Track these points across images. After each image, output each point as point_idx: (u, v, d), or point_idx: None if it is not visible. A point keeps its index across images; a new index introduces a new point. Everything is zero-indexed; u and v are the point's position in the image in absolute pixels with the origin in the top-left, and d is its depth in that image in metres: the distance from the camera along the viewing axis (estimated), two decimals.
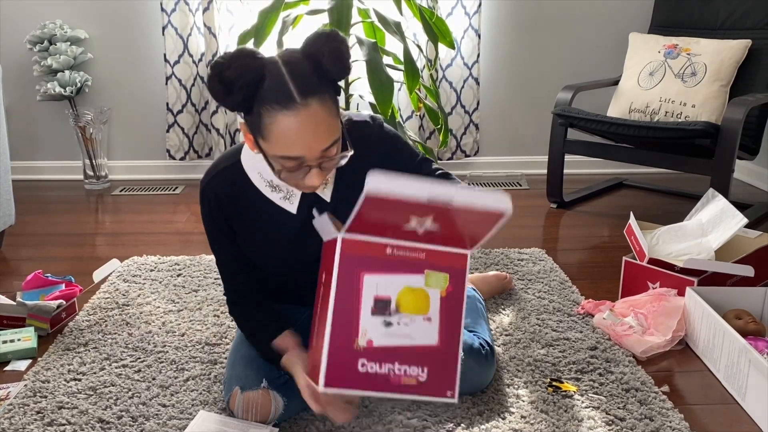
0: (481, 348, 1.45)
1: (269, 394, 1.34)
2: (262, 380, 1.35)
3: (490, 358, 1.47)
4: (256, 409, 1.34)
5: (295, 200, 1.31)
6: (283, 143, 1.11)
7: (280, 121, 1.10)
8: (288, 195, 1.31)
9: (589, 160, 3.27)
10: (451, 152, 3.29)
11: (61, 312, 1.82)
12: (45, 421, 1.40)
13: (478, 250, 2.34)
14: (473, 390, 1.46)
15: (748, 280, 1.87)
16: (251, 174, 1.31)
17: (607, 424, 1.38)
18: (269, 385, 1.35)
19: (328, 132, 1.13)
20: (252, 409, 1.34)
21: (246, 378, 1.36)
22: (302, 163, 1.14)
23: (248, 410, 1.34)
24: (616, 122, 2.50)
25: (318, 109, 1.11)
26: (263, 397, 1.34)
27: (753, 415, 1.42)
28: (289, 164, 1.14)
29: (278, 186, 1.30)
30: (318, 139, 1.12)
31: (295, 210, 1.32)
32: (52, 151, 3.37)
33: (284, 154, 1.13)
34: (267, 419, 1.35)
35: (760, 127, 2.60)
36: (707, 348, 1.62)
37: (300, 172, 1.16)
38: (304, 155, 1.13)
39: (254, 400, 1.34)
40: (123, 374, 1.59)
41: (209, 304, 1.95)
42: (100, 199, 3.08)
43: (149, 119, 3.31)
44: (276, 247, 1.35)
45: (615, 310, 1.79)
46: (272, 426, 1.35)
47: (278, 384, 1.36)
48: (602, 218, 2.74)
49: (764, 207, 2.72)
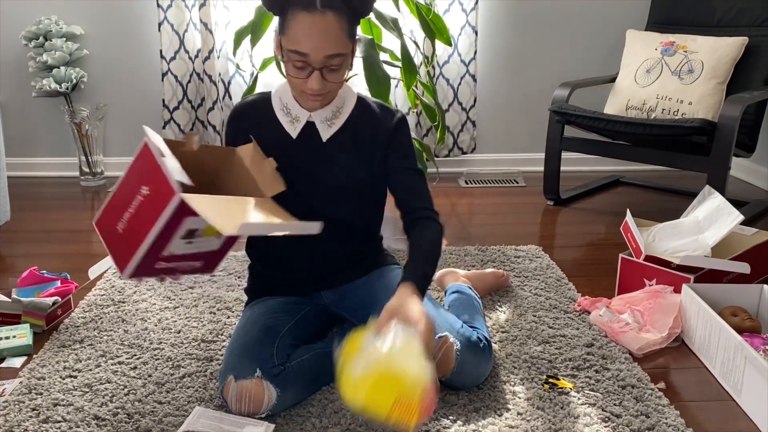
0: (479, 341, 1.45)
1: (262, 384, 1.35)
2: (256, 370, 1.35)
3: (487, 352, 1.47)
4: (249, 398, 1.34)
5: (299, 126, 1.48)
6: (296, 39, 1.32)
7: (299, 20, 1.31)
8: (293, 120, 1.48)
9: (586, 158, 3.27)
10: (448, 149, 3.29)
11: (57, 309, 1.82)
12: (40, 418, 1.40)
13: (475, 247, 2.34)
14: (471, 383, 1.46)
15: (744, 277, 1.87)
16: (274, 99, 1.51)
17: (603, 421, 1.38)
18: (263, 375, 1.35)
19: (334, 42, 1.32)
20: (245, 399, 1.34)
21: (240, 367, 1.37)
22: (307, 63, 1.33)
23: (241, 399, 1.35)
24: (613, 119, 2.50)
25: (332, 21, 1.31)
26: (256, 387, 1.35)
27: (749, 411, 1.42)
28: (296, 59, 1.33)
29: (289, 110, 1.48)
30: (324, 44, 1.31)
31: (295, 135, 1.48)
32: (48, 147, 3.36)
33: (294, 48, 1.32)
34: (260, 409, 1.36)
35: (757, 124, 2.61)
36: (703, 345, 1.62)
37: (304, 71, 1.34)
38: (309, 53, 1.31)
39: (248, 389, 1.34)
40: (119, 371, 1.58)
41: (205, 301, 1.94)
42: (96, 196, 3.08)
43: (145, 116, 3.30)
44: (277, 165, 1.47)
45: (611, 307, 1.80)
46: (268, 423, 1.35)
47: (272, 374, 1.36)
48: (599, 215, 2.74)
49: (760, 204, 2.73)
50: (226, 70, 3.16)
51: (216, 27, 3.08)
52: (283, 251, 1.56)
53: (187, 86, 3.18)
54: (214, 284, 2.06)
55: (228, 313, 1.87)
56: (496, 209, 2.84)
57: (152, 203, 1.15)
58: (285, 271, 1.60)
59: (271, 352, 1.39)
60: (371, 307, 1.52)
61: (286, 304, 1.56)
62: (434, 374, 1.20)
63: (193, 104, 3.23)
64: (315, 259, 1.56)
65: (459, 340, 1.42)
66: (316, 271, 1.58)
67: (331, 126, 1.48)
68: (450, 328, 1.44)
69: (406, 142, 1.51)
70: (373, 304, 1.52)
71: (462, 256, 2.26)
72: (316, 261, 1.57)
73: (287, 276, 1.60)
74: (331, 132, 1.48)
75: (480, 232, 2.55)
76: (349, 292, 1.60)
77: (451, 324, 1.45)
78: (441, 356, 1.40)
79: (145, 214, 1.16)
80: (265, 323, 1.48)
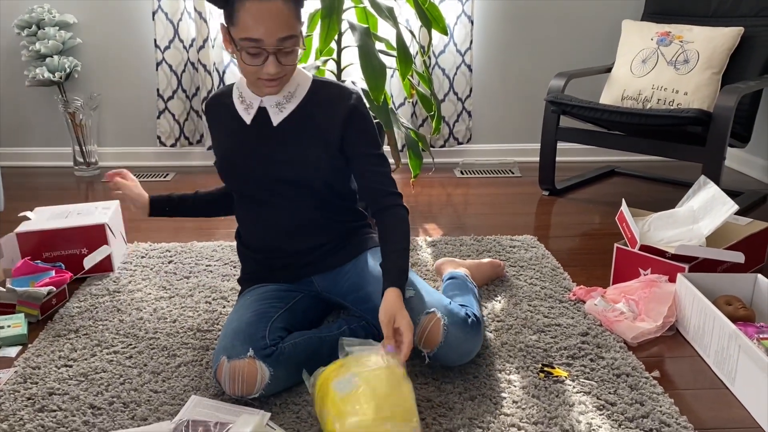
0: (467, 317, 1.45)
1: (255, 364, 1.35)
2: (249, 350, 1.36)
3: (476, 328, 1.46)
4: (242, 378, 1.35)
5: (252, 112, 1.52)
6: (247, 26, 1.33)
7: (248, 7, 1.32)
8: (247, 107, 1.52)
9: (582, 148, 3.27)
10: (443, 140, 3.29)
11: (52, 299, 1.81)
12: (36, 407, 1.40)
13: (471, 237, 2.34)
14: (460, 358, 1.46)
15: (738, 267, 1.88)
16: (234, 90, 1.56)
17: (597, 409, 1.39)
18: (255, 354, 1.36)
19: (286, 25, 1.34)
20: (238, 378, 1.35)
21: (233, 348, 1.37)
22: (261, 49, 1.35)
23: (234, 379, 1.35)
24: (609, 109, 2.50)
25: (281, 6, 1.33)
26: (249, 366, 1.35)
27: (742, 399, 1.43)
28: (249, 46, 1.34)
29: (244, 98, 1.52)
30: (276, 27, 1.33)
31: (249, 121, 1.52)
32: (42, 137, 3.34)
33: (246, 35, 1.33)
34: (253, 389, 1.36)
35: (752, 114, 2.61)
36: (697, 334, 1.63)
37: (258, 58, 1.36)
38: (262, 38, 1.33)
39: (240, 369, 1.35)
40: (114, 360, 1.58)
41: (201, 291, 1.94)
42: (90, 186, 3.06)
43: (139, 105, 3.29)
44: (234, 153, 1.54)
45: (606, 296, 1.80)
46: (264, 411, 1.35)
47: (264, 354, 1.37)
48: (594, 206, 2.74)
49: (754, 194, 2.74)
50: (221, 60, 3.15)
51: (210, 16, 3.06)
52: (258, 232, 1.59)
53: (182, 76, 3.16)
54: (210, 274, 2.06)
55: (224, 303, 1.86)
56: (491, 199, 2.85)
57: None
58: (267, 253, 1.60)
59: (263, 334, 1.41)
60: (362, 290, 1.55)
61: (278, 292, 1.57)
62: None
63: (187, 94, 3.21)
64: (296, 238, 1.57)
65: (446, 315, 1.42)
66: (300, 252, 1.58)
67: (282, 111, 1.49)
68: (438, 304, 1.45)
69: (362, 126, 1.49)
70: (363, 288, 1.55)
71: (457, 246, 2.26)
72: (296, 240, 1.57)
73: (272, 260, 1.60)
74: (282, 116, 1.50)
75: (475, 222, 2.55)
76: (339, 277, 1.60)
77: (439, 300, 1.46)
78: (428, 332, 1.41)
79: None
80: (257, 309, 1.49)
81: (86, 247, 2.01)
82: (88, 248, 2.01)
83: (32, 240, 1.98)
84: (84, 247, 2.01)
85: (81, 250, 2.01)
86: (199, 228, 2.50)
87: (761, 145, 3.04)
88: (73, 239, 2.00)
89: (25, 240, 1.98)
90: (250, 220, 1.61)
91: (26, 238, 1.98)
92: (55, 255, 2.00)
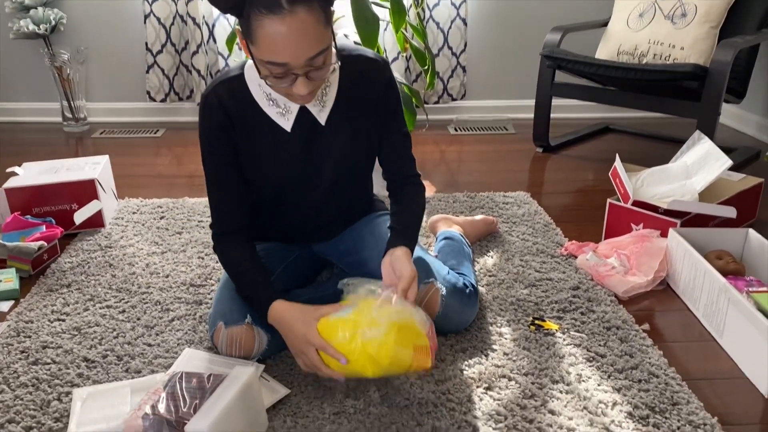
0: (465, 287, 1.46)
1: (253, 330, 1.35)
2: (246, 316, 1.35)
3: (473, 298, 1.48)
4: (240, 344, 1.35)
5: (291, 117, 1.33)
6: (269, 48, 1.12)
7: (267, 26, 1.10)
8: (284, 111, 1.32)
9: (576, 105, 3.25)
10: (437, 96, 3.25)
11: (43, 254, 1.81)
12: (29, 360, 1.40)
13: (464, 194, 2.34)
14: (456, 328, 1.47)
15: (729, 222, 1.89)
16: (252, 86, 1.31)
17: (587, 360, 1.40)
18: (253, 320, 1.35)
19: (315, 41, 1.13)
20: (235, 344, 1.35)
21: (230, 313, 1.36)
22: (288, 71, 1.15)
23: (232, 345, 1.35)
24: (605, 64, 2.47)
25: (305, 17, 1.10)
26: (247, 333, 1.35)
27: (730, 351, 1.45)
28: (275, 70, 1.15)
29: (276, 100, 1.32)
30: (303, 47, 1.12)
31: (290, 128, 1.33)
32: (29, 92, 3.28)
33: (270, 59, 1.13)
34: (251, 355, 1.36)
35: (748, 70, 2.58)
36: (688, 288, 1.64)
37: (286, 80, 1.17)
38: (289, 62, 1.13)
39: (238, 335, 1.34)
40: (107, 315, 1.58)
41: (193, 246, 1.94)
42: (80, 142, 3.02)
43: (128, 60, 3.22)
44: (270, 163, 1.36)
45: (598, 251, 1.81)
46: (258, 363, 1.36)
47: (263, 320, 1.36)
48: (587, 162, 2.73)
49: (748, 151, 2.73)
50: (210, 13, 3.08)
51: None
52: (278, 219, 1.51)
53: (171, 29, 3.10)
54: (202, 230, 2.05)
55: (216, 258, 1.86)
56: (485, 156, 2.83)
57: None
58: (277, 229, 1.55)
59: None
60: (358, 254, 1.53)
61: (275, 251, 1.55)
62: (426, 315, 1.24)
63: (177, 48, 3.15)
64: (310, 222, 1.53)
65: (445, 286, 1.42)
66: (309, 228, 1.55)
67: (325, 105, 1.34)
68: (437, 273, 1.44)
69: (396, 99, 1.40)
70: (359, 252, 1.53)
71: (451, 203, 2.26)
72: (310, 223, 1.53)
73: (278, 232, 1.56)
74: (327, 112, 1.34)
75: (469, 179, 2.54)
76: (337, 239, 1.59)
77: (437, 270, 1.46)
78: (426, 301, 1.41)
79: None
80: None
81: (76, 202, 1.99)
82: (78, 204, 1.99)
83: (21, 196, 1.96)
84: (74, 203, 1.99)
85: (71, 205, 1.99)
86: (191, 184, 2.48)
87: (756, 101, 3.02)
88: (63, 195, 1.98)
89: (14, 195, 1.96)
90: (267, 211, 1.49)
91: (15, 194, 1.96)
92: (45, 211, 1.98)
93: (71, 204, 1.99)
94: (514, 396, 1.29)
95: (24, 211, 1.96)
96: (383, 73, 1.37)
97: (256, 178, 1.39)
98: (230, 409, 1.09)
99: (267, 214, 1.49)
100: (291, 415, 1.24)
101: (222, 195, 1.38)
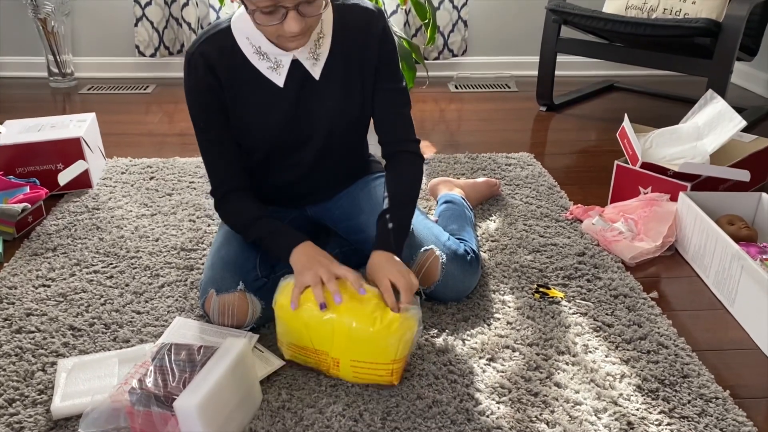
0: (466, 254, 1.40)
1: (246, 297, 1.29)
2: (239, 283, 1.29)
3: (474, 265, 1.42)
4: (232, 312, 1.29)
5: (283, 72, 1.26)
6: None
7: None
8: (275, 65, 1.26)
9: (580, 62, 3.14)
10: (437, 51, 3.13)
11: (27, 216, 1.73)
12: (13, 328, 1.34)
13: (465, 155, 2.26)
14: (457, 296, 1.41)
15: (740, 186, 1.82)
16: (240, 39, 1.24)
17: (594, 330, 1.35)
18: (246, 288, 1.29)
19: None
20: (228, 312, 1.29)
21: (222, 281, 1.30)
22: (277, 4, 1.09)
23: (224, 313, 1.29)
24: (613, 19, 2.37)
25: None
26: (240, 300, 1.28)
27: (741, 320, 1.40)
28: (263, 5, 1.08)
29: (266, 54, 1.25)
30: None
31: (282, 83, 1.27)
32: (12, 45, 3.15)
33: None
34: (244, 323, 1.30)
35: (762, 26, 2.48)
36: (698, 254, 1.58)
37: (276, 15, 1.11)
38: None
39: (230, 303, 1.28)
40: (94, 280, 1.52)
41: (184, 209, 1.86)
42: (67, 98, 2.92)
43: (116, 12, 3.09)
44: (261, 120, 1.30)
45: (604, 215, 1.74)
46: (252, 333, 1.30)
47: (256, 287, 1.30)
48: (592, 122, 2.65)
49: (758, 110, 2.65)
50: None
51: None
52: (270, 179, 1.43)
53: None
54: (193, 191, 1.98)
55: (208, 221, 1.79)
56: (486, 115, 2.74)
57: None
58: (270, 189, 1.48)
59: (254, 264, 1.33)
60: (354, 219, 1.46)
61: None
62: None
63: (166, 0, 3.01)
64: (303, 183, 1.45)
65: (445, 253, 1.36)
66: (302, 189, 1.48)
67: (319, 58, 1.27)
68: (436, 240, 1.38)
69: (391, 51, 1.32)
70: (355, 217, 1.46)
71: (451, 164, 2.18)
72: (303, 184, 1.46)
73: (271, 193, 1.49)
74: (321, 65, 1.28)
75: (470, 140, 2.46)
76: (332, 203, 1.52)
77: (437, 236, 1.39)
78: (426, 269, 1.35)
79: None
80: None
81: (62, 162, 1.91)
82: (64, 163, 1.91)
83: (3, 155, 1.87)
84: (59, 162, 1.91)
85: (56, 165, 1.91)
86: (182, 143, 2.39)
87: (766, 59, 2.92)
88: (48, 154, 1.90)
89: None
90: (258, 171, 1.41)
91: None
92: (29, 171, 1.90)
93: (56, 164, 1.91)
94: (518, 368, 1.24)
95: (7, 172, 1.88)
96: (378, 23, 1.30)
97: (246, 136, 1.32)
98: (221, 384, 1.03)
99: (258, 174, 1.42)
100: (286, 387, 1.19)
101: (218, 156, 1.31)
